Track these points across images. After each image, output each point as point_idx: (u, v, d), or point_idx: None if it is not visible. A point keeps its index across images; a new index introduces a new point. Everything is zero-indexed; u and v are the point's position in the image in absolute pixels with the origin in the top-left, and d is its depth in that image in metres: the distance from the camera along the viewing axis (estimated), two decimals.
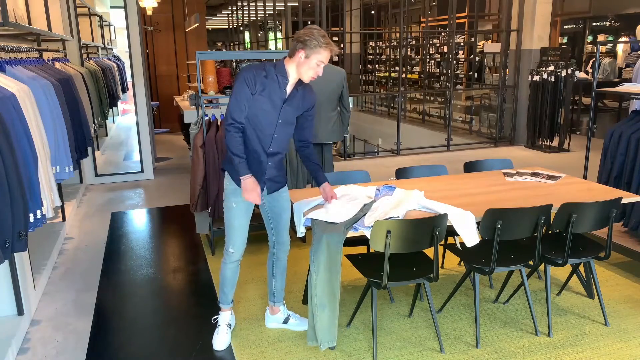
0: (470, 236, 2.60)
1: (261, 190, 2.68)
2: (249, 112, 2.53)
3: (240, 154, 2.54)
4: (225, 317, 2.91)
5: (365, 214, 2.68)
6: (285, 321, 3.00)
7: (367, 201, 2.82)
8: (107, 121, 7.06)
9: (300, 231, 2.79)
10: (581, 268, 3.36)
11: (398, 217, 2.60)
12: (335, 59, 16.04)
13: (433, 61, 14.90)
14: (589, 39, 12.63)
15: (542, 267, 3.37)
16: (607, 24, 12.24)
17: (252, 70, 2.52)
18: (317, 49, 2.43)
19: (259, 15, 15.46)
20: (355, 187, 3.04)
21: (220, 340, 2.84)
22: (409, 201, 2.80)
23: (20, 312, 3.05)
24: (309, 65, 2.47)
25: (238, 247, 2.76)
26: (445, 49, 14.01)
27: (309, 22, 15.39)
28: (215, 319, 2.98)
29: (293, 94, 2.60)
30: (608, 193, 3.11)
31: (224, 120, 2.58)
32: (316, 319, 2.60)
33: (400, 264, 2.77)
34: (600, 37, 12.27)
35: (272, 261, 2.98)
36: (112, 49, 8.95)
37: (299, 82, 2.60)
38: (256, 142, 2.59)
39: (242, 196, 2.61)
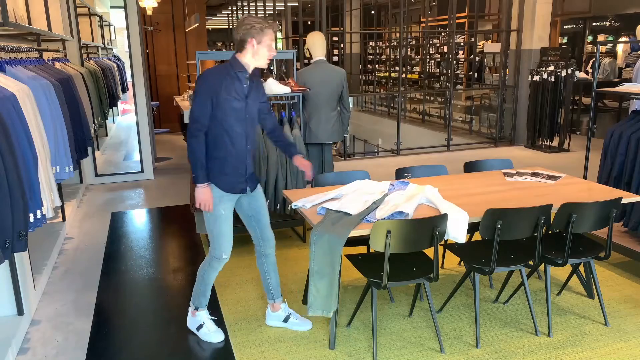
0: (457, 234, 2.60)
1: (245, 190, 2.77)
2: (220, 117, 2.60)
3: (203, 160, 2.63)
4: (206, 315, 2.96)
5: (377, 207, 2.74)
6: (286, 320, 3.00)
7: (381, 196, 2.89)
8: (107, 121, 7.06)
9: (294, 204, 2.89)
10: (581, 268, 3.36)
11: (408, 214, 2.63)
12: (335, 58, 16.11)
13: (433, 61, 14.90)
14: (589, 39, 12.63)
15: (542, 267, 3.37)
16: (607, 24, 12.24)
17: (213, 73, 2.61)
18: (264, 31, 2.56)
19: (258, 15, 15.47)
20: (369, 182, 3.11)
21: (216, 333, 2.90)
22: (419, 196, 2.86)
23: (20, 312, 3.05)
24: (264, 49, 2.59)
25: (229, 251, 2.82)
26: (445, 49, 14.01)
27: (309, 22, 15.37)
28: (198, 325, 2.94)
29: (250, 86, 2.68)
30: (608, 193, 3.11)
31: (188, 124, 2.65)
32: (314, 286, 2.61)
33: (400, 264, 2.77)
34: (600, 37, 12.27)
35: (262, 259, 2.98)
36: (112, 49, 8.95)
37: (251, 75, 2.68)
38: (238, 143, 2.67)
39: (198, 206, 2.67)
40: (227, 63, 2.66)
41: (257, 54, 2.60)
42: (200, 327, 2.93)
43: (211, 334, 2.90)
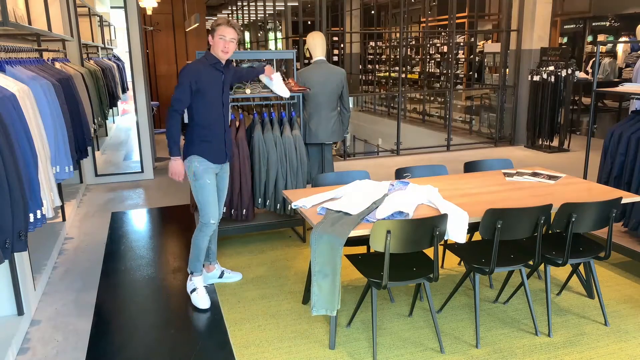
0: (457, 233, 2.60)
1: (224, 159, 3.29)
2: (199, 106, 3.11)
3: (175, 137, 3.10)
4: (200, 280, 3.33)
5: (378, 207, 2.74)
6: (221, 276, 3.51)
7: (381, 195, 2.89)
8: (107, 121, 7.06)
9: (295, 204, 2.98)
10: (581, 268, 3.36)
11: (408, 214, 2.63)
12: (335, 58, 16.11)
13: (433, 61, 14.90)
14: (589, 39, 12.63)
15: (542, 267, 3.37)
16: (607, 24, 12.24)
17: (193, 67, 3.11)
18: (216, 28, 3.07)
19: (259, 15, 15.47)
20: (369, 182, 3.12)
21: (204, 299, 3.24)
22: (420, 196, 2.86)
23: (20, 312, 3.05)
24: (216, 42, 3.08)
25: (216, 217, 3.25)
26: (445, 49, 14.01)
27: (309, 22, 15.38)
28: (192, 288, 3.29)
29: (226, 72, 3.21)
30: (608, 193, 3.11)
31: (170, 106, 3.11)
32: (317, 286, 2.63)
33: (400, 264, 2.77)
34: (600, 37, 12.28)
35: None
36: (112, 49, 8.95)
37: (226, 64, 3.20)
38: (216, 126, 3.18)
39: (170, 176, 3.18)
40: (203, 56, 3.19)
41: (214, 47, 3.11)
42: (193, 290, 3.29)
43: (199, 299, 3.24)
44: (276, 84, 3.98)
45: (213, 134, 3.18)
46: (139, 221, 5.04)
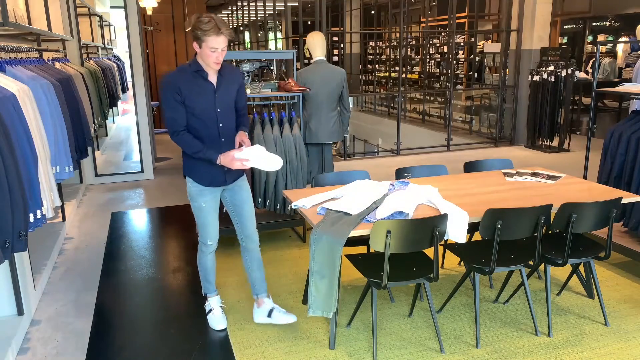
0: (457, 233, 2.60)
1: (224, 181, 2.82)
2: (188, 118, 2.66)
3: (199, 148, 2.65)
4: (216, 301, 3.09)
5: (377, 207, 2.74)
6: (269, 314, 3.02)
7: (381, 195, 2.89)
8: (107, 121, 7.06)
9: (295, 204, 2.90)
10: (581, 268, 3.36)
11: (408, 214, 2.63)
12: (335, 58, 16.11)
13: (433, 61, 14.90)
14: (589, 39, 12.63)
15: (542, 267, 3.37)
16: (607, 24, 12.24)
17: (171, 79, 2.62)
18: (204, 38, 2.52)
19: (259, 15, 15.46)
20: (369, 182, 3.11)
21: (219, 320, 3.02)
22: (420, 196, 2.86)
23: (20, 312, 3.05)
24: (205, 54, 2.56)
25: (214, 238, 2.94)
26: (445, 49, 14.00)
27: (309, 22, 15.39)
28: (209, 309, 3.10)
29: (219, 80, 2.69)
30: (608, 193, 3.11)
31: (169, 133, 2.71)
32: (315, 287, 2.62)
33: (400, 264, 2.77)
34: (600, 37, 12.28)
35: (245, 254, 3.05)
36: (112, 49, 8.95)
37: (220, 68, 2.67)
38: (208, 139, 2.70)
39: (236, 168, 2.66)
40: (188, 62, 2.69)
41: (201, 57, 2.62)
42: (209, 312, 3.08)
43: (214, 320, 3.02)
44: (254, 159, 2.68)
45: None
46: (139, 221, 5.04)
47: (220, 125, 2.72)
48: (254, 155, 2.65)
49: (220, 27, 2.51)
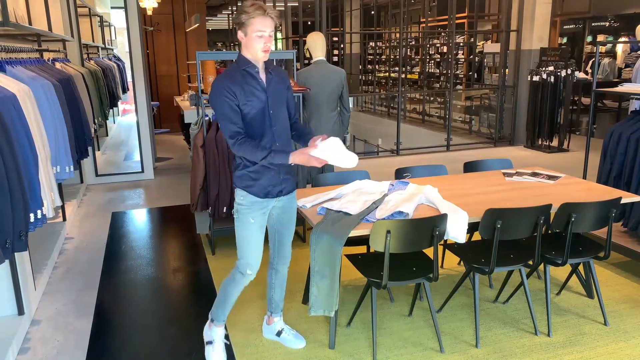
0: (457, 233, 2.60)
1: (278, 193, 2.53)
2: (243, 116, 2.41)
3: (266, 152, 2.36)
4: (220, 333, 2.73)
5: (377, 207, 2.74)
6: (279, 334, 2.87)
7: (381, 196, 2.89)
8: (107, 121, 7.06)
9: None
10: (581, 268, 3.36)
11: (408, 214, 2.64)
12: (335, 59, 16.11)
13: (433, 61, 14.91)
14: (589, 39, 12.63)
15: (541, 267, 3.37)
16: (607, 24, 12.24)
17: (224, 81, 2.37)
18: (249, 21, 2.30)
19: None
20: (369, 182, 3.12)
21: (219, 356, 2.69)
22: (419, 196, 2.87)
23: (20, 312, 3.05)
24: (253, 41, 2.33)
25: (254, 267, 2.57)
26: (445, 49, 14.01)
27: (309, 23, 15.38)
28: (209, 340, 2.75)
29: (269, 79, 2.47)
30: (608, 193, 3.12)
31: (228, 143, 2.42)
32: (316, 286, 2.60)
33: (400, 264, 2.77)
34: (600, 37, 12.28)
35: (272, 272, 2.81)
36: (112, 49, 8.96)
37: (267, 66, 2.48)
38: (265, 140, 2.45)
39: (311, 166, 2.38)
40: (233, 63, 2.48)
41: (248, 47, 2.37)
42: (209, 343, 2.73)
43: (214, 355, 2.68)
44: (331, 154, 2.42)
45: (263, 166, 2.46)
46: (139, 221, 5.05)
47: (274, 128, 2.46)
48: (331, 150, 2.36)
49: (265, 8, 2.30)
